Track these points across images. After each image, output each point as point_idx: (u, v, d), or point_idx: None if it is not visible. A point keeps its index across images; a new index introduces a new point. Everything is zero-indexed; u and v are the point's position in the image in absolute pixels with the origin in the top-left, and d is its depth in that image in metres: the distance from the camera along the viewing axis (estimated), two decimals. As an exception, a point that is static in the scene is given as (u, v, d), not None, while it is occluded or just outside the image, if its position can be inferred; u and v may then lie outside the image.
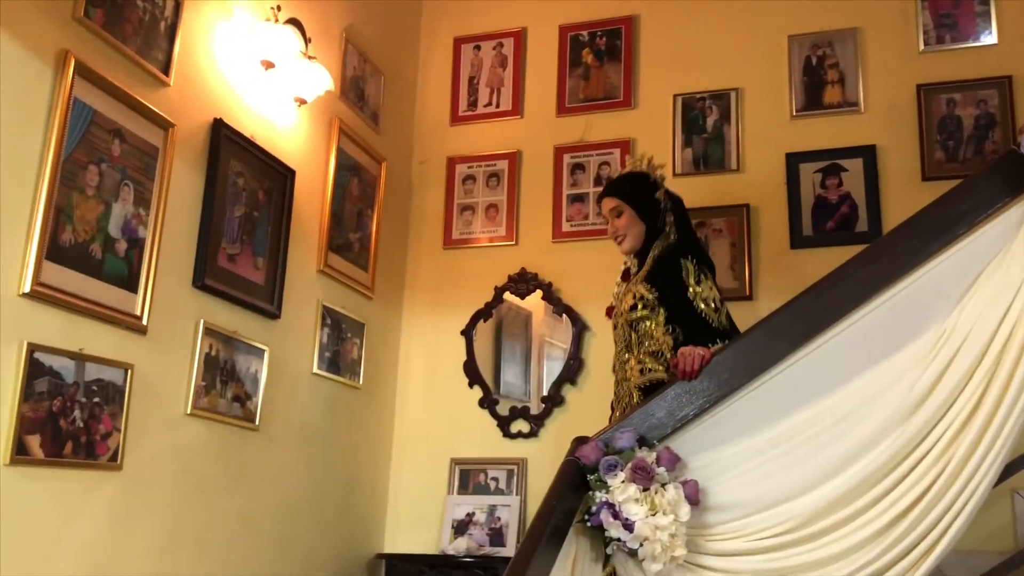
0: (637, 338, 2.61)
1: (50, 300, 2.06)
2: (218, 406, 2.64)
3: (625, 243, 2.73)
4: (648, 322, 2.59)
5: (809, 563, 2.10)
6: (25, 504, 2.00)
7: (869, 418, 2.16)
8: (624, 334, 2.65)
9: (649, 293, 2.60)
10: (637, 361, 2.60)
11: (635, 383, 2.59)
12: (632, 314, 2.61)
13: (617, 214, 2.71)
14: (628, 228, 2.70)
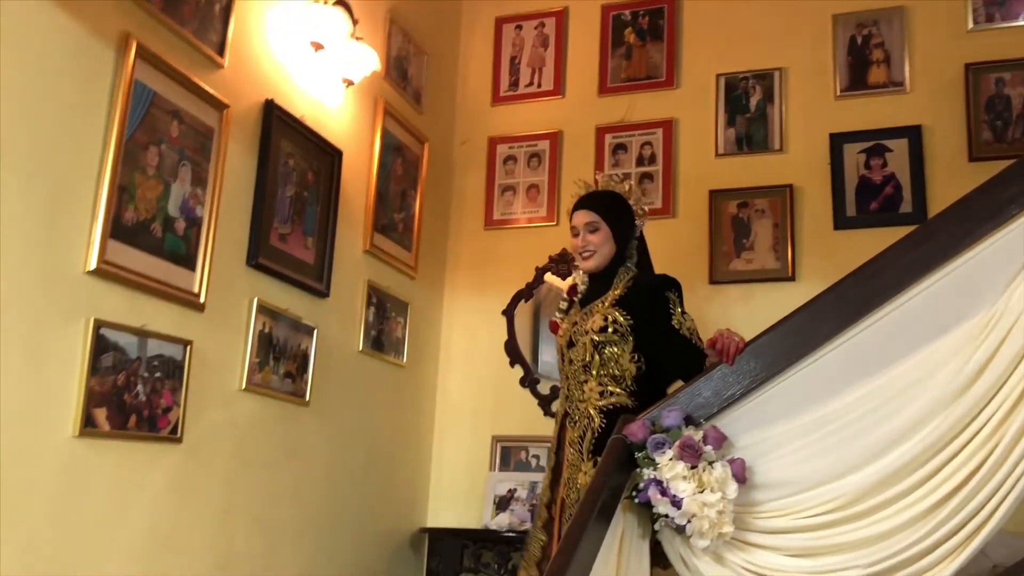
0: (600, 360, 2.55)
1: (114, 277, 2.12)
2: (271, 382, 2.70)
3: (591, 261, 2.65)
4: (616, 347, 2.56)
5: (855, 541, 2.12)
6: (92, 475, 2.07)
7: (917, 400, 2.16)
8: (584, 354, 2.57)
9: (624, 319, 2.56)
10: (598, 383, 2.55)
11: (594, 404, 2.53)
12: (601, 335, 2.55)
13: (593, 229, 2.64)
14: (600, 246, 2.64)
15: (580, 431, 2.53)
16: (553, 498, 2.56)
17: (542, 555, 2.51)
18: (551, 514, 2.55)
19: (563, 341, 2.65)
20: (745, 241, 3.62)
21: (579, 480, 2.47)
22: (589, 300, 2.67)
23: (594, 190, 2.74)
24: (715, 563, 2.16)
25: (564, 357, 2.64)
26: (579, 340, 2.59)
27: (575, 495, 2.45)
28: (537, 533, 2.55)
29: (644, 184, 3.83)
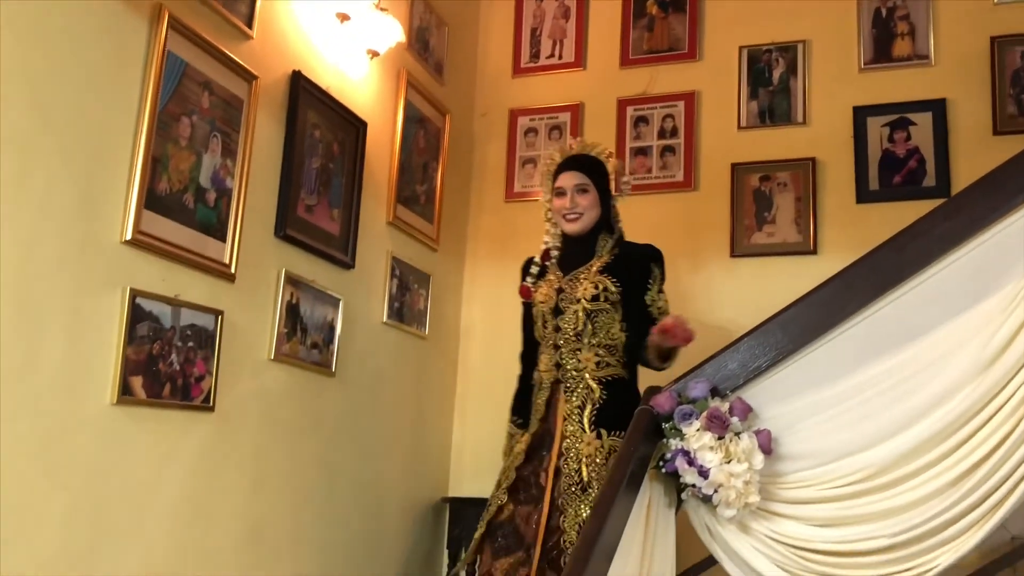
0: (592, 329, 2.56)
1: (149, 247, 2.14)
2: (298, 353, 2.73)
3: (577, 223, 2.64)
4: (607, 316, 2.57)
5: (881, 511, 2.14)
6: (129, 442, 2.10)
7: (944, 372, 2.18)
8: (576, 322, 2.56)
9: (614, 287, 2.57)
10: (594, 354, 2.56)
11: (592, 374, 2.54)
12: (593, 304, 2.56)
13: (582, 190, 2.64)
14: (588, 209, 2.64)
15: (579, 402, 2.52)
16: (539, 466, 2.53)
17: (496, 514, 2.52)
18: (540, 482, 2.52)
19: (546, 307, 2.62)
20: (767, 215, 3.62)
21: (582, 451, 2.47)
22: (570, 266, 2.66)
23: (579, 153, 2.73)
24: (740, 532, 2.19)
25: (547, 324, 2.61)
26: (568, 308, 2.57)
27: (575, 465, 2.45)
28: (499, 495, 2.53)
29: (666, 157, 3.82)
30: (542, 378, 2.62)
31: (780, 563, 2.16)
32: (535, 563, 2.42)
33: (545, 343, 2.63)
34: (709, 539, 2.20)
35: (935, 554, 2.08)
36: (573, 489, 2.44)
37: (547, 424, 2.56)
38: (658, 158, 3.83)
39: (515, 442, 2.63)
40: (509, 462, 2.59)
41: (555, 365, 2.58)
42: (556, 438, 2.52)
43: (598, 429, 2.48)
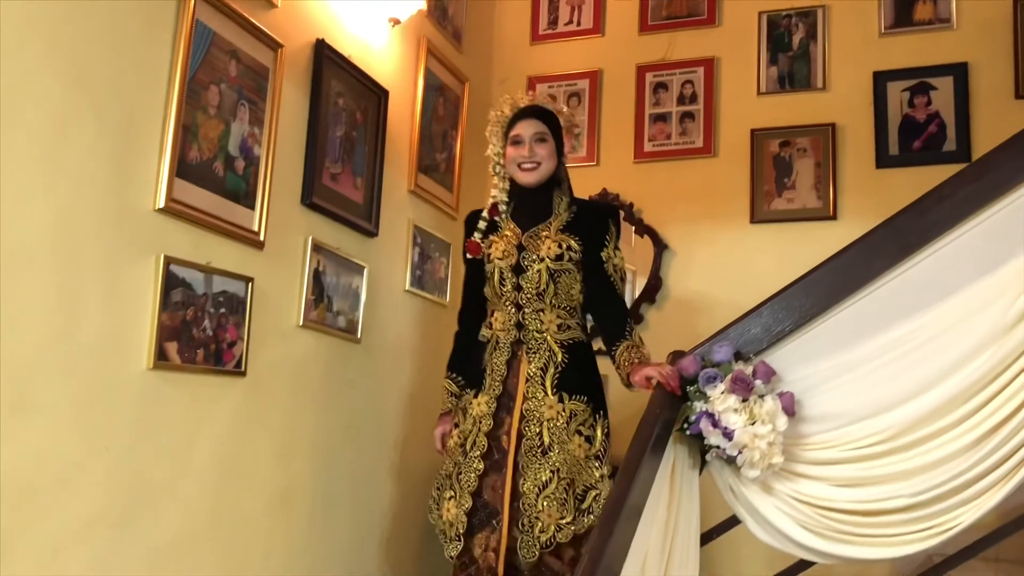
0: (554, 290, 2.52)
1: (181, 215, 2.17)
2: (325, 319, 2.77)
3: (534, 174, 2.57)
4: (570, 276, 2.54)
5: (902, 472, 2.17)
6: (165, 406, 2.15)
7: (967, 334, 2.19)
8: (539, 282, 2.52)
9: (577, 246, 2.54)
10: (556, 316, 2.53)
11: (554, 337, 2.52)
12: (557, 264, 2.52)
13: (540, 139, 2.57)
14: (546, 160, 2.57)
15: (541, 364, 2.50)
16: (499, 429, 2.50)
17: (479, 484, 2.47)
18: (502, 445, 2.48)
19: (505, 264, 2.54)
20: (787, 180, 3.63)
21: (544, 415, 2.45)
22: (528, 222, 2.60)
23: (536, 103, 2.67)
24: (763, 493, 2.23)
25: (505, 281, 2.54)
26: (531, 267, 2.52)
27: (536, 428, 2.44)
28: (472, 463, 2.48)
29: (685, 123, 3.83)
30: (498, 337, 2.57)
31: (803, 522, 2.20)
32: (504, 529, 2.42)
33: (502, 302, 2.57)
34: (733, 499, 2.24)
35: (955, 513, 2.11)
36: (534, 452, 2.43)
37: (507, 385, 2.52)
38: (677, 124, 3.83)
39: (466, 403, 2.58)
40: (472, 425, 2.53)
41: (515, 325, 2.54)
42: (517, 401, 2.49)
43: (560, 393, 2.47)
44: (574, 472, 2.44)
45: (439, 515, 2.54)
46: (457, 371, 2.69)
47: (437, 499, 2.57)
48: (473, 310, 2.71)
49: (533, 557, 2.39)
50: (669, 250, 3.79)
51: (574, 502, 2.43)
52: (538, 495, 2.40)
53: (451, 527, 2.49)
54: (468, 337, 2.70)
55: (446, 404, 2.68)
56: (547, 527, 2.38)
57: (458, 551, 2.47)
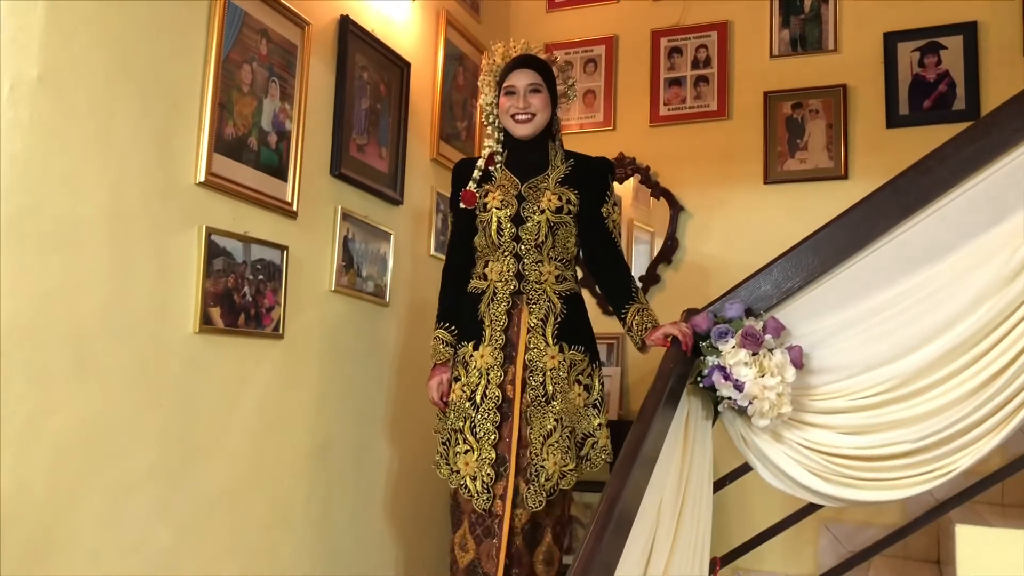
0: (552, 242, 2.54)
1: (220, 188, 2.31)
2: (355, 284, 2.91)
3: (528, 126, 2.56)
4: (567, 228, 2.55)
5: (905, 419, 2.28)
6: (211, 367, 2.30)
7: (967, 288, 2.30)
8: (539, 233, 2.52)
9: (576, 199, 2.56)
10: (554, 267, 2.55)
11: (552, 288, 2.54)
12: (556, 216, 2.53)
13: (535, 90, 2.56)
14: (540, 111, 2.56)
15: (541, 315, 2.51)
16: (503, 378, 2.50)
17: (496, 435, 2.46)
18: (507, 395, 2.49)
19: (504, 215, 2.52)
20: (799, 141, 3.71)
21: (547, 364, 2.47)
22: (526, 173, 2.58)
23: (529, 52, 2.65)
24: (773, 441, 2.35)
25: (503, 231, 2.53)
26: (531, 218, 2.52)
27: (540, 378, 2.46)
28: (488, 415, 2.46)
29: (699, 87, 3.91)
30: (495, 288, 2.55)
31: (811, 468, 2.32)
32: (511, 477, 2.44)
33: (499, 252, 2.55)
34: (744, 448, 2.36)
35: (955, 457, 2.23)
36: (539, 401, 2.46)
37: (508, 335, 2.51)
38: (692, 88, 3.91)
39: (464, 355, 2.54)
40: (479, 378, 2.50)
41: (515, 275, 2.53)
42: (519, 350, 2.50)
43: (560, 343, 2.50)
44: (574, 420, 2.49)
45: (451, 471, 2.51)
46: (449, 321, 2.62)
47: (445, 454, 2.54)
48: (460, 263, 2.66)
49: (539, 505, 2.42)
50: (685, 212, 3.90)
51: (575, 450, 2.49)
52: (543, 444, 2.43)
53: (475, 480, 2.45)
54: (455, 290, 2.65)
55: (442, 354, 2.59)
56: (552, 475, 2.42)
57: (489, 503, 2.44)
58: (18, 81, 1.79)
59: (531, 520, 2.46)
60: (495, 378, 2.48)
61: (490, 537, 2.46)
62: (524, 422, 2.47)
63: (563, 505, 2.54)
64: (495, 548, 2.44)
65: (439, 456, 2.56)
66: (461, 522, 2.50)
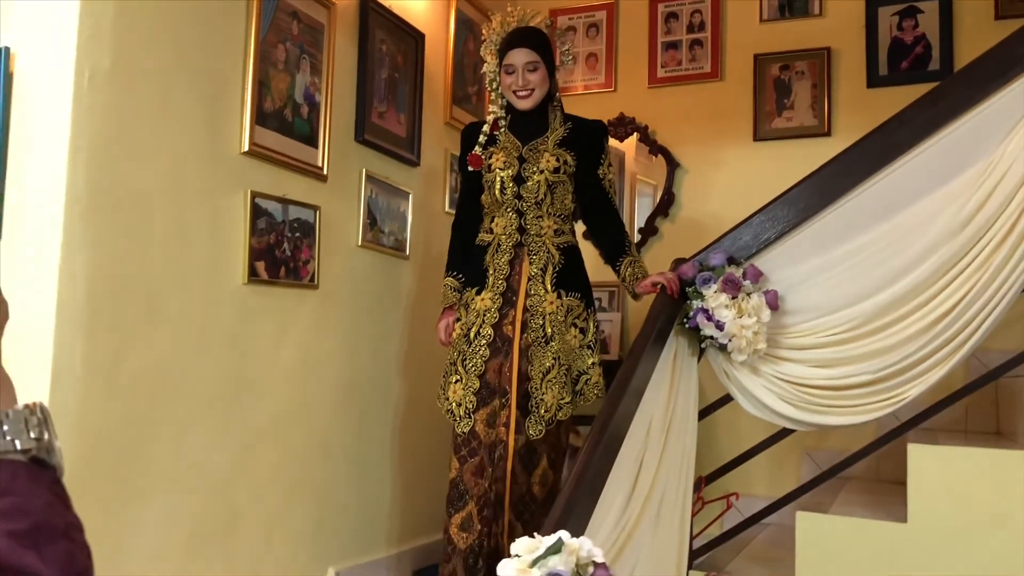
0: (551, 199, 2.77)
1: (261, 156, 2.61)
2: (379, 239, 3.23)
3: (530, 99, 2.77)
4: (564, 187, 2.78)
5: (867, 353, 2.58)
6: (257, 314, 2.63)
7: (923, 237, 2.58)
8: (538, 192, 2.75)
9: (572, 160, 2.78)
10: (553, 221, 2.78)
11: (551, 240, 2.78)
12: (554, 176, 2.75)
13: (533, 68, 2.74)
14: (539, 86, 2.76)
15: (542, 264, 2.76)
16: (503, 320, 2.74)
17: (485, 368, 2.71)
18: (506, 334, 2.73)
19: (506, 175, 2.75)
20: (786, 101, 3.98)
21: (546, 309, 2.73)
22: (527, 136, 2.80)
23: (527, 25, 2.81)
24: (751, 374, 2.66)
25: (506, 190, 2.76)
26: (532, 178, 2.75)
27: (540, 321, 2.72)
28: (479, 350, 2.72)
29: (694, 50, 4.17)
30: (500, 240, 2.79)
31: (784, 398, 2.63)
32: (513, 408, 2.68)
33: (503, 208, 2.79)
34: (726, 380, 2.68)
35: (908, 386, 2.53)
36: (539, 341, 2.71)
37: (510, 282, 2.76)
38: (687, 51, 4.17)
39: (467, 299, 2.81)
40: (476, 318, 2.76)
41: (518, 229, 2.78)
42: (520, 296, 2.75)
43: (558, 290, 2.75)
44: (570, 359, 2.74)
45: (445, 398, 2.77)
46: (457, 270, 2.88)
47: (443, 385, 2.79)
48: (468, 218, 2.91)
49: (539, 434, 2.68)
50: (681, 168, 4.18)
51: (571, 385, 2.75)
52: (543, 379, 2.69)
53: (459, 407, 2.72)
54: (465, 242, 2.89)
55: (450, 299, 2.86)
56: (551, 407, 2.68)
57: (469, 427, 2.70)
58: (95, 71, 2.10)
59: (529, 446, 2.71)
60: (490, 319, 2.73)
61: (474, 457, 2.70)
62: (524, 359, 2.72)
63: (558, 435, 2.79)
64: (500, 469, 2.69)
65: (440, 389, 2.82)
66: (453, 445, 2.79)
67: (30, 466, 0.52)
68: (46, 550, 0.49)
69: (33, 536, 0.49)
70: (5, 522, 0.49)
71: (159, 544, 2.25)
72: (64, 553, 0.51)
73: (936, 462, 2.53)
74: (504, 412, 2.70)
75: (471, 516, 2.71)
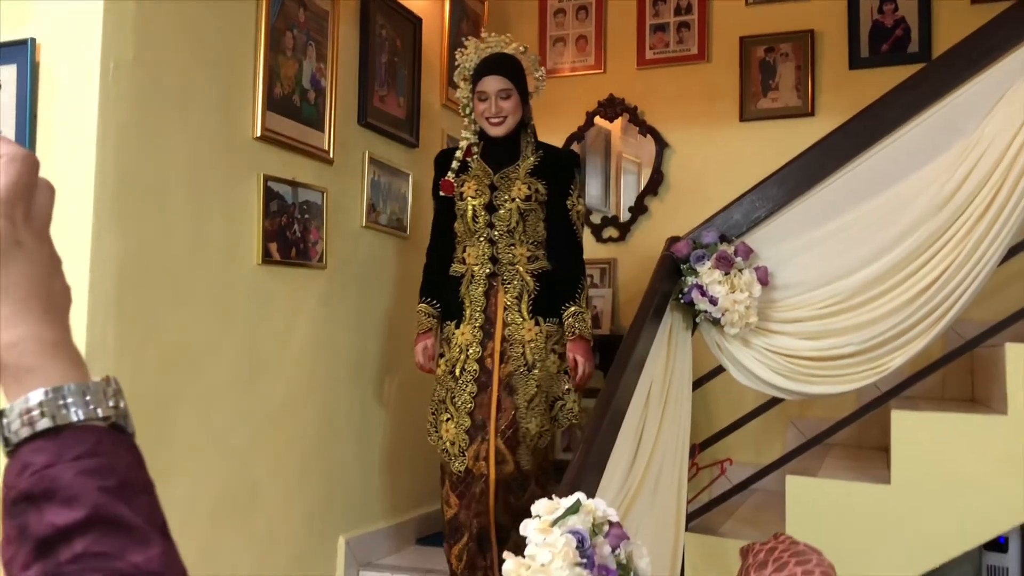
0: (523, 228, 2.78)
1: (273, 141, 2.70)
2: (381, 220, 3.33)
3: (502, 127, 2.77)
4: (535, 215, 2.79)
5: (853, 325, 2.71)
6: (271, 293, 2.73)
7: (906, 215, 2.71)
8: (510, 220, 2.76)
9: (544, 189, 2.79)
10: (526, 249, 2.79)
11: (525, 268, 2.79)
12: (526, 204, 2.76)
13: (506, 96, 2.75)
14: (512, 113, 2.77)
15: (516, 293, 2.78)
16: (483, 352, 2.77)
17: (474, 404, 2.74)
18: (486, 366, 2.76)
19: (478, 203, 2.77)
20: (771, 82, 4.10)
21: (525, 337, 2.75)
22: (499, 164, 2.82)
23: (500, 52, 2.82)
24: (743, 347, 2.79)
25: (478, 218, 2.78)
26: (503, 206, 2.76)
27: (520, 349, 2.75)
28: (466, 386, 2.75)
29: (681, 32, 4.27)
30: (473, 271, 2.80)
31: (775, 368, 2.77)
32: (492, 441, 2.70)
33: (475, 237, 2.80)
34: (718, 352, 2.81)
35: (891, 356, 2.68)
36: (521, 370, 2.73)
37: (487, 314, 2.79)
38: (675, 33, 4.27)
39: (448, 333, 2.83)
40: (459, 353, 2.78)
41: (490, 259, 2.78)
42: (497, 326, 2.77)
43: (535, 317, 2.77)
44: (549, 385, 2.78)
45: (438, 436, 2.78)
46: (432, 296, 2.89)
47: (434, 423, 2.80)
48: (442, 245, 2.91)
49: (529, 464, 2.72)
50: (669, 148, 4.30)
51: (549, 411, 2.79)
52: (527, 408, 2.72)
53: (453, 445, 2.74)
54: (437, 269, 2.91)
55: (425, 324, 2.88)
56: (535, 436, 2.73)
57: (465, 466, 2.72)
58: (119, 62, 2.18)
59: (519, 474, 2.73)
60: (474, 353, 2.75)
61: (470, 493, 2.72)
62: (504, 390, 2.74)
63: (544, 456, 2.84)
64: (483, 504, 2.71)
65: (429, 425, 2.84)
66: (444, 481, 2.82)
67: (111, 431, 0.59)
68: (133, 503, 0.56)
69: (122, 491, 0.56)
70: (97, 479, 0.55)
71: (185, 516, 2.36)
72: (148, 506, 0.58)
73: (918, 427, 2.68)
74: (483, 446, 2.72)
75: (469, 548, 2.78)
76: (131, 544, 0.54)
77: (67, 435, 0.57)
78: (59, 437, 0.56)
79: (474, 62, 2.83)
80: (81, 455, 0.56)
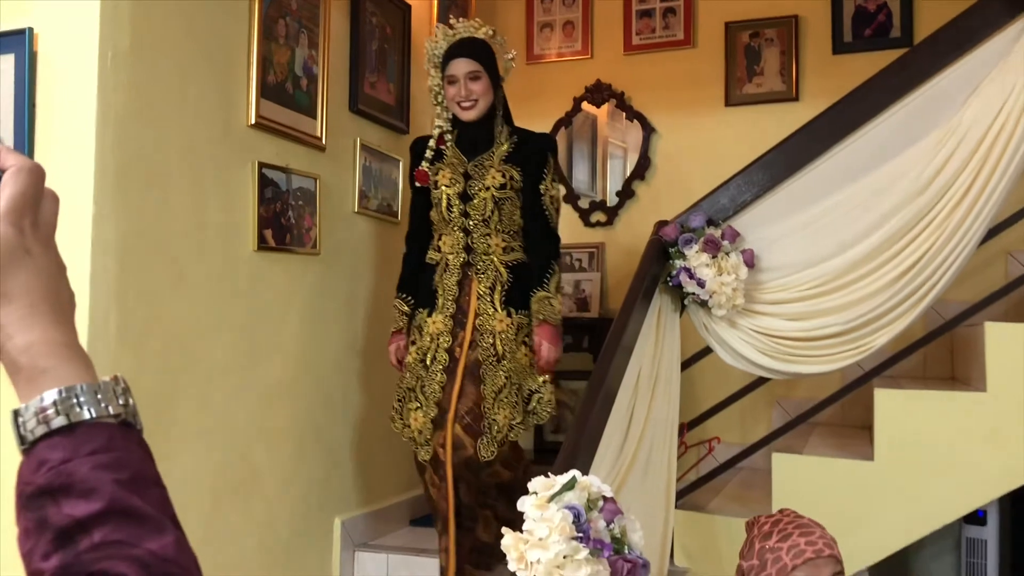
0: (499, 216, 2.75)
1: (267, 128, 2.73)
2: (373, 206, 3.36)
3: (473, 111, 2.74)
4: (511, 203, 2.76)
5: (837, 306, 2.79)
6: (267, 279, 2.76)
7: (888, 199, 2.78)
8: (485, 209, 2.74)
9: (518, 176, 2.75)
10: (502, 239, 2.77)
11: (499, 258, 2.77)
12: (500, 192, 2.73)
13: (475, 78, 2.72)
14: (482, 96, 2.74)
15: (490, 283, 2.75)
16: (453, 341, 2.76)
17: (443, 394, 2.72)
18: (455, 356, 2.74)
19: (453, 192, 2.76)
20: (756, 67, 4.15)
21: (496, 327, 2.72)
22: (472, 151, 2.80)
23: (469, 36, 2.79)
24: (730, 328, 2.86)
25: (453, 208, 2.76)
26: (478, 195, 2.74)
27: (490, 340, 2.72)
28: (435, 375, 2.74)
29: (667, 18, 4.32)
30: (447, 260, 2.80)
31: (761, 349, 2.84)
32: (449, 426, 2.67)
33: (449, 226, 2.78)
34: (706, 333, 2.88)
35: (874, 336, 2.75)
36: (491, 360, 2.70)
37: (460, 304, 2.77)
38: (661, 19, 4.32)
39: (420, 321, 2.82)
40: (430, 342, 2.77)
41: (464, 248, 2.77)
42: (470, 316, 2.75)
43: (508, 308, 2.74)
44: (521, 378, 2.74)
45: (403, 424, 2.78)
46: (408, 291, 2.88)
47: (400, 410, 2.79)
48: (420, 234, 2.91)
49: (491, 455, 2.66)
50: (656, 133, 4.35)
51: (523, 404, 2.73)
52: (495, 399, 2.68)
53: (420, 434, 2.73)
54: (417, 259, 2.90)
55: (399, 323, 2.88)
56: (502, 427, 2.66)
57: (430, 455, 2.72)
58: (116, 51, 2.20)
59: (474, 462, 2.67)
60: (444, 343, 2.75)
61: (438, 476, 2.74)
62: (467, 377, 2.71)
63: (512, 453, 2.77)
64: (444, 488, 2.71)
65: (395, 412, 2.82)
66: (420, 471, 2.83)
67: (121, 427, 0.62)
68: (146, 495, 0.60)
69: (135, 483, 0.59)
70: (112, 472, 0.58)
71: (186, 498, 2.41)
72: (160, 497, 0.61)
73: (900, 404, 2.76)
74: (441, 433, 2.70)
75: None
76: (146, 533, 0.58)
77: (81, 432, 0.60)
78: (74, 434, 0.59)
79: (443, 48, 2.81)
80: (96, 450, 0.59)
